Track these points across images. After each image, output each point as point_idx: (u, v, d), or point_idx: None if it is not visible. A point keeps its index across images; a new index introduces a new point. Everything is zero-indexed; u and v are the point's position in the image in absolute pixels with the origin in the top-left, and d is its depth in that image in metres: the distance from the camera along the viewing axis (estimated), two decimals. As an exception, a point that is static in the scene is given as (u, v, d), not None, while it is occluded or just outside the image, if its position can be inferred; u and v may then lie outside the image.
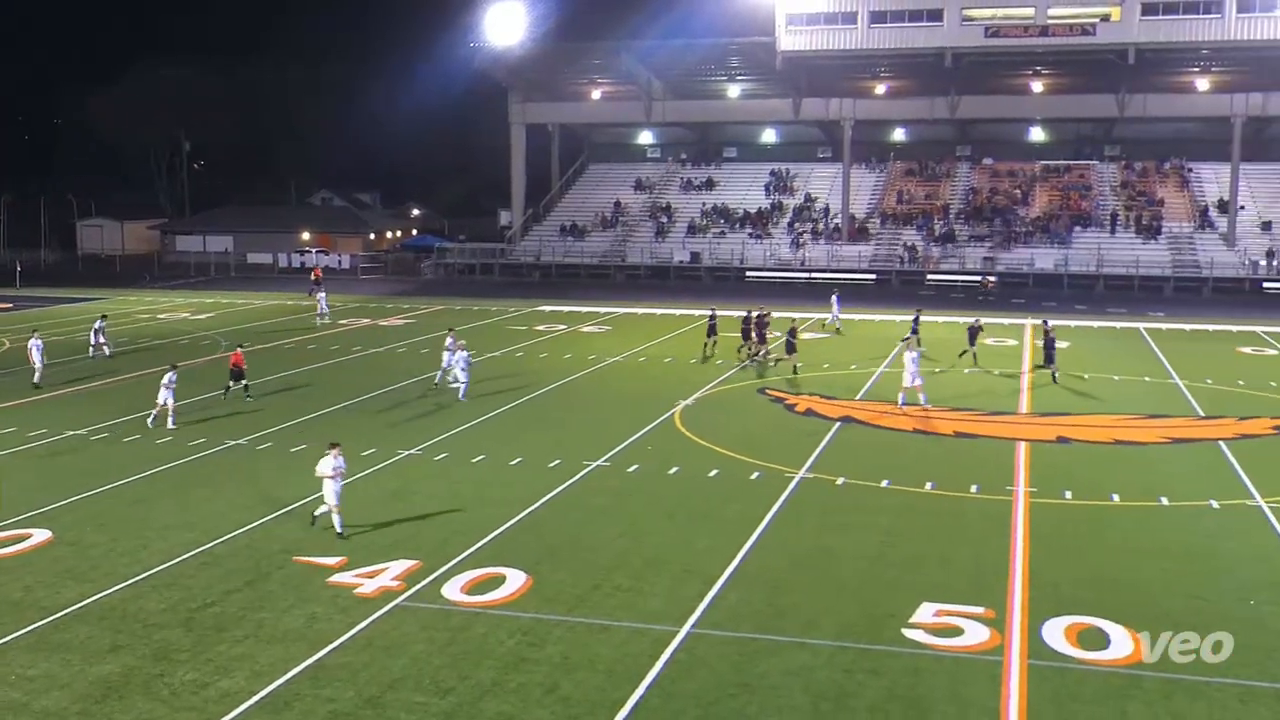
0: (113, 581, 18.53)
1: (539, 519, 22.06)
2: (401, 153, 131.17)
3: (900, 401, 32.95)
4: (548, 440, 28.92)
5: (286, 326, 53.01)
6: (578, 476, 25.23)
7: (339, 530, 20.72)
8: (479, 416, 31.73)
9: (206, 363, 41.17)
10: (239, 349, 35.42)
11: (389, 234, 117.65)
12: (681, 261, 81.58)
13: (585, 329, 51.50)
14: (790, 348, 39.10)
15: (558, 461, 26.28)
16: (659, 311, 58.92)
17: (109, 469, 25.83)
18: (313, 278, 68.98)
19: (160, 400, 30.26)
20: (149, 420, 30.38)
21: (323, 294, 56.70)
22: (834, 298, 52.69)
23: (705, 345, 42.28)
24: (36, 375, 36.60)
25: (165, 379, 30.39)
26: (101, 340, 42.60)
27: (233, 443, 28.48)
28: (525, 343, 47.30)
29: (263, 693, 14.61)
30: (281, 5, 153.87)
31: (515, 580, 18.54)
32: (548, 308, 61.08)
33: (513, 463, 26.53)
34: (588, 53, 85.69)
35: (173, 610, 17.34)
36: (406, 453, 27.41)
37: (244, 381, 34.01)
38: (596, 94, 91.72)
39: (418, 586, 18.30)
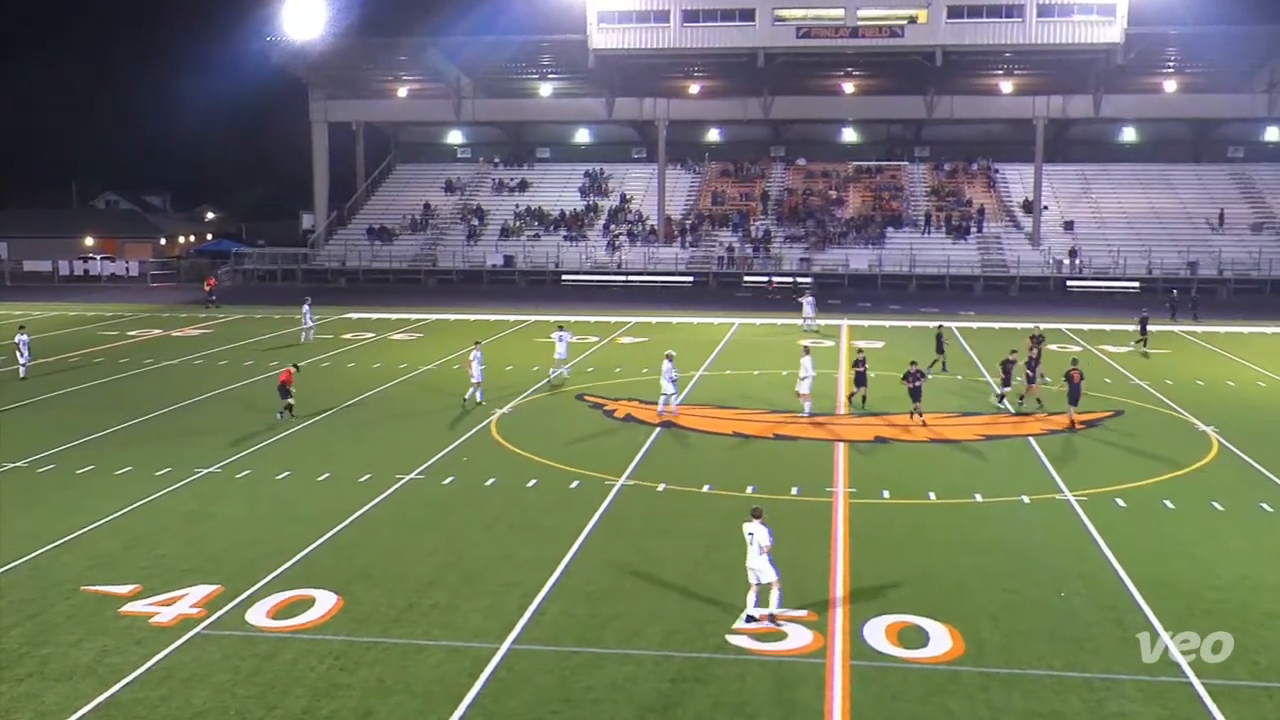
0: (-128, 622, 16.91)
1: (350, 537, 21.16)
2: (194, 152, 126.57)
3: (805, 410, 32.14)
4: (357, 454, 27.89)
5: (82, 339, 50.15)
6: (390, 491, 24.36)
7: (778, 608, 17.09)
8: (283, 431, 30.40)
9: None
10: (293, 367, 32.74)
11: (181, 239, 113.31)
12: (495, 265, 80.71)
13: (395, 336, 50.26)
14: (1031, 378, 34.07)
15: (368, 476, 25.35)
16: (472, 317, 58.00)
17: None
18: (205, 287, 66.01)
19: None
20: None
21: (308, 306, 49.52)
22: (807, 299, 52.60)
23: (854, 395, 34.64)
24: None
25: None
26: (24, 358, 38.36)
27: (10, 465, 26.56)
28: (331, 352, 45.76)
29: (47, 736, 13.58)
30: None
31: (325, 602, 17.72)
32: (355, 315, 59.41)
33: (320, 478, 25.44)
34: (393, 48, 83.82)
35: (-57, 651, 15.97)
36: (205, 471, 26.00)
37: (289, 401, 31.50)
38: (403, 91, 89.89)
39: (220, 613, 17.30)
